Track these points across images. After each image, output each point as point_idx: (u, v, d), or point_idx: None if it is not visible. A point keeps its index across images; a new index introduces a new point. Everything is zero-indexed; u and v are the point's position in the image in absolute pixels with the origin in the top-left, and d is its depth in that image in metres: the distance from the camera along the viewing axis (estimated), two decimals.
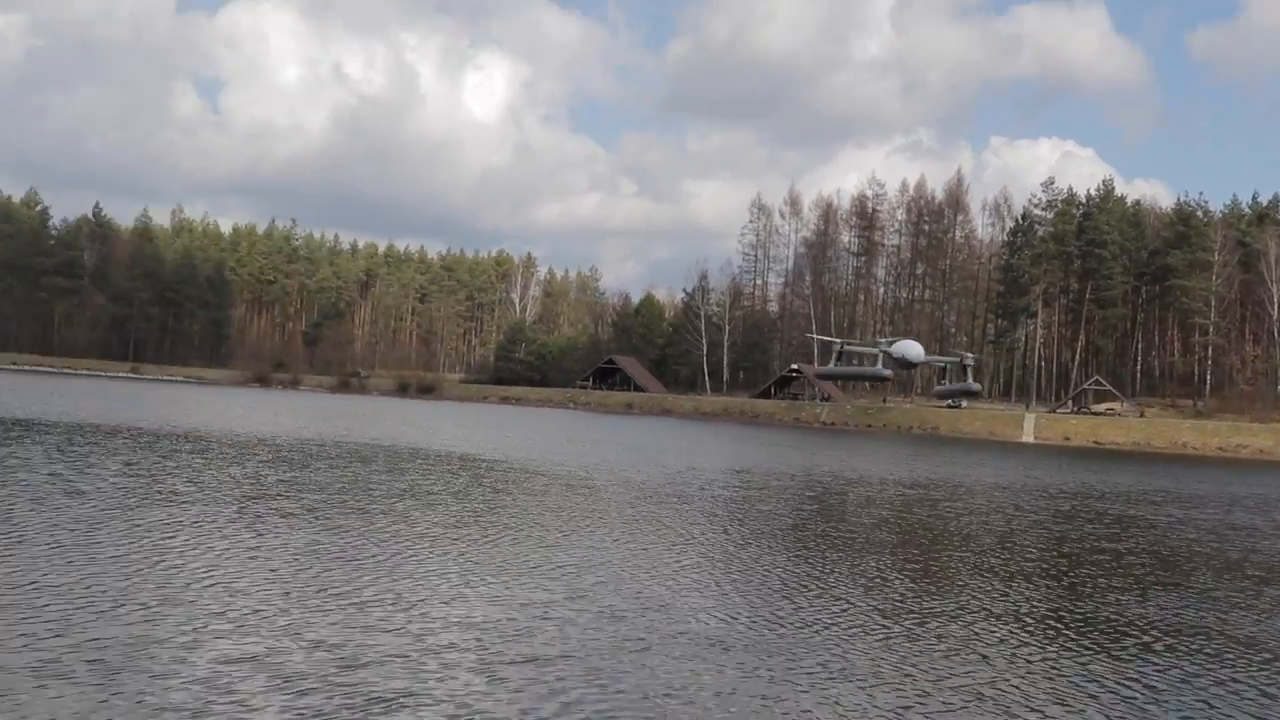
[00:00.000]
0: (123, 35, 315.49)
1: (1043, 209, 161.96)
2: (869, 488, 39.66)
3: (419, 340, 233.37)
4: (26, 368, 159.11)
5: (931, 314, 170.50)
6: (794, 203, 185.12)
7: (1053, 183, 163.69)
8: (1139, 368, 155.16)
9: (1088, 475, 55.95)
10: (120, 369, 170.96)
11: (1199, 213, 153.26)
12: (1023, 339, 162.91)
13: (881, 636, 14.10)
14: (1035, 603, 17.44)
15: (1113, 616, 16.57)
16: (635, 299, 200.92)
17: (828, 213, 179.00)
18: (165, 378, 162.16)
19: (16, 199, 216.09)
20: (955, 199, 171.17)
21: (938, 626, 15.00)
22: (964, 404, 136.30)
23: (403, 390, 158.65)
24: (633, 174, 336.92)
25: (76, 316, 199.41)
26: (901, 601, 16.73)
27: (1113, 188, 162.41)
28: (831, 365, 45.09)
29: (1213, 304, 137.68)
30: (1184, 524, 32.14)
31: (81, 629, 11.70)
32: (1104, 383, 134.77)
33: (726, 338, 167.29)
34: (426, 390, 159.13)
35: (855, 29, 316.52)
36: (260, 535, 19.04)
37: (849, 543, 23.71)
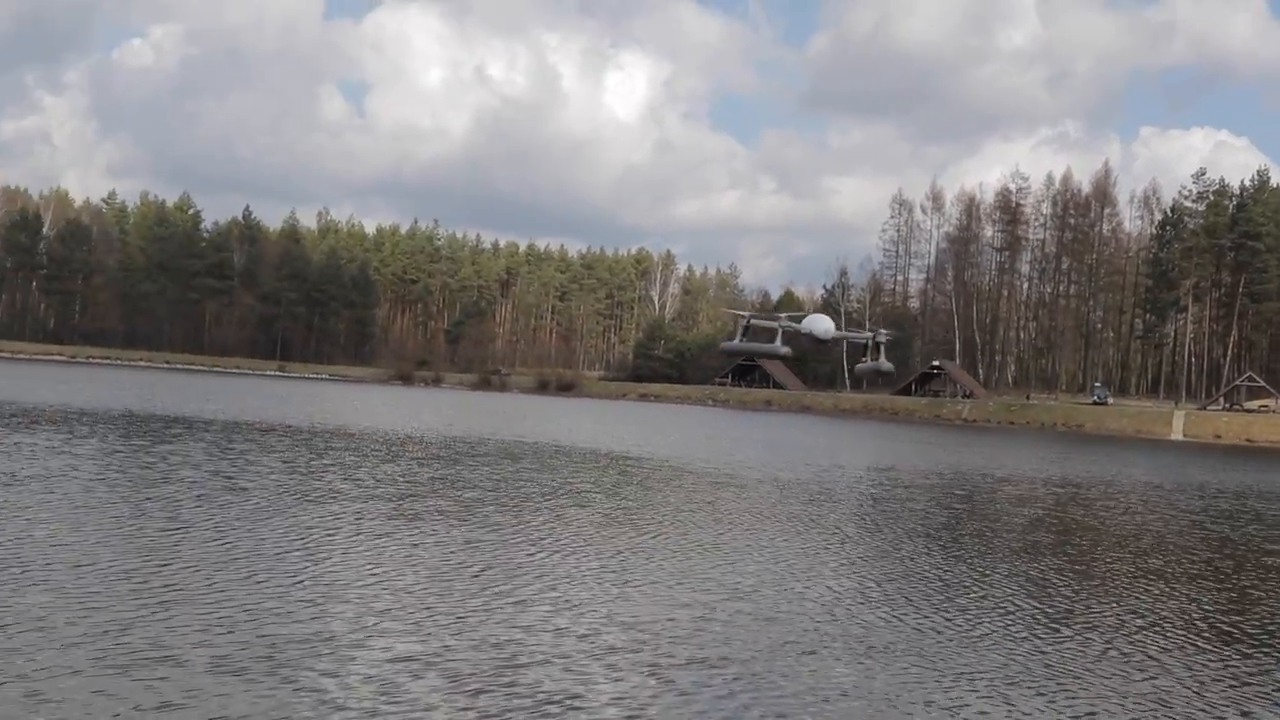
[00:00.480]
0: (272, 43, 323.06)
1: (1193, 201, 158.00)
2: (1019, 486, 39.05)
3: (559, 338, 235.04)
4: (179, 366, 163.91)
5: (1077, 309, 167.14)
6: (936, 197, 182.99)
7: (1204, 174, 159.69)
8: None
9: (1244, 475, 54.46)
10: (268, 367, 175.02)
11: None
12: (1172, 334, 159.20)
13: (1051, 641, 13.83)
14: (1204, 607, 16.99)
15: None
16: (774, 296, 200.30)
17: (970, 207, 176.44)
18: (310, 375, 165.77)
19: (171, 203, 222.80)
20: (1102, 191, 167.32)
21: (1108, 632, 14.67)
22: (1110, 400, 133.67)
23: (542, 388, 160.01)
24: (773, 170, 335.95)
25: (226, 316, 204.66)
26: (1067, 605, 16.41)
27: (1268, 178, 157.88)
28: (736, 341, 40.62)
29: None
30: None
31: (253, 626, 11.94)
32: (1257, 379, 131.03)
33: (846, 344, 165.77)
34: (566, 388, 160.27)
35: (1000, 19, 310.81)
36: (419, 533, 19.33)
37: (1006, 544, 23.37)
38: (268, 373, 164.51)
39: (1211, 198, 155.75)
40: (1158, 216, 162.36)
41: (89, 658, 10.42)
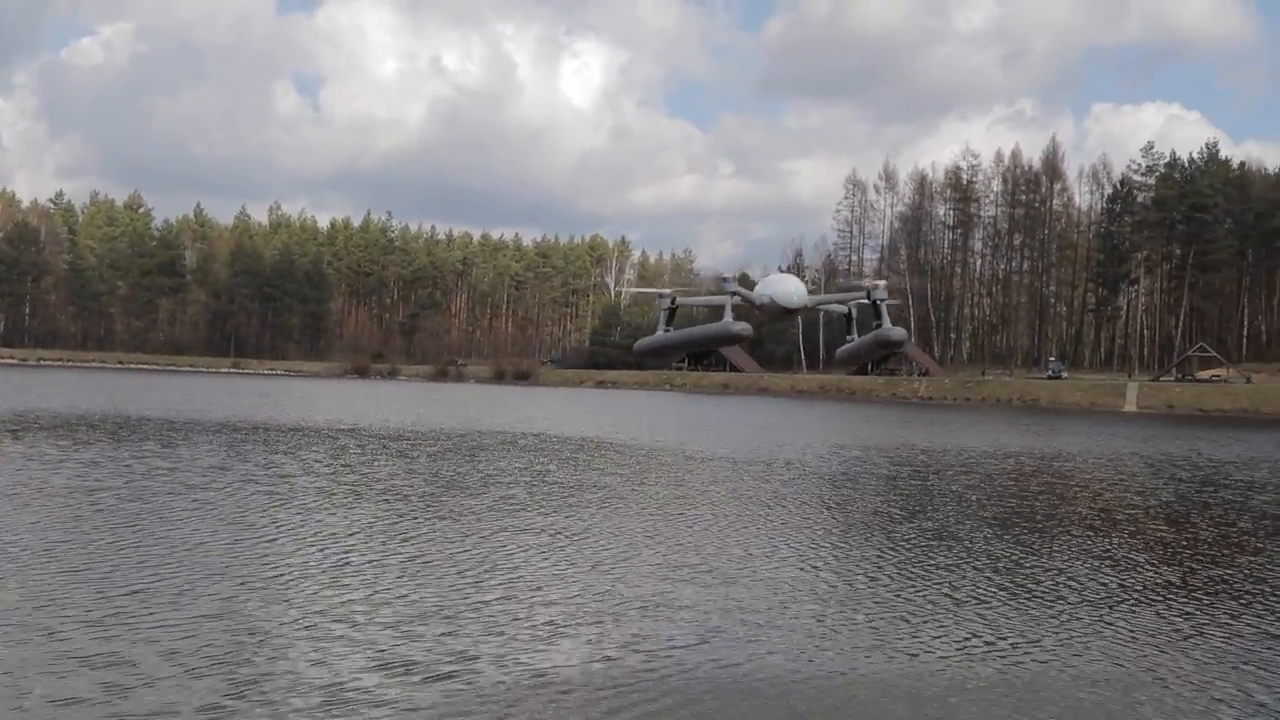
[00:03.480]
0: (225, 37, 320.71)
1: (1142, 175, 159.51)
2: (978, 461, 39.20)
3: (515, 327, 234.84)
4: (132, 366, 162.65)
5: (1030, 284, 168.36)
6: (889, 177, 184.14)
7: (1152, 148, 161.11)
8: (1245, 333, 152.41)
9: (1194, 444, 54.95)
10: (222, 364, 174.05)
11: None
12: (1124, 307, 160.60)
13: (1006, 611, 13.96)
14: (1165, 574, 17.17)
15: None
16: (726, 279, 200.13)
17: (922, 186, 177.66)
18: (266, 371, 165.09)
19: (121, 202, 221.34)
20: (1052, 167, 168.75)
21: (1066, 602, 14.83)
22: (1064, 374, 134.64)
23: (499, 378, 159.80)
24: (731, 155, 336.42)
25: (179, 314, 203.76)
26: (1025, 576, 16.56)
27: (1217, 151, 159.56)
28: (660, 331, 30.77)
29: None
30: None
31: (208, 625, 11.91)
32: (1209, 349, 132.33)
33: (821, 316, 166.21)
34: (522, 377, 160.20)
35: (955, 0, 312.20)
36: (383, 525, 19.27)
37: (966, 517, 23.48)
38: (223, 370, 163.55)
39: (1161, 171, 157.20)
40: (1108, 191, 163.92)
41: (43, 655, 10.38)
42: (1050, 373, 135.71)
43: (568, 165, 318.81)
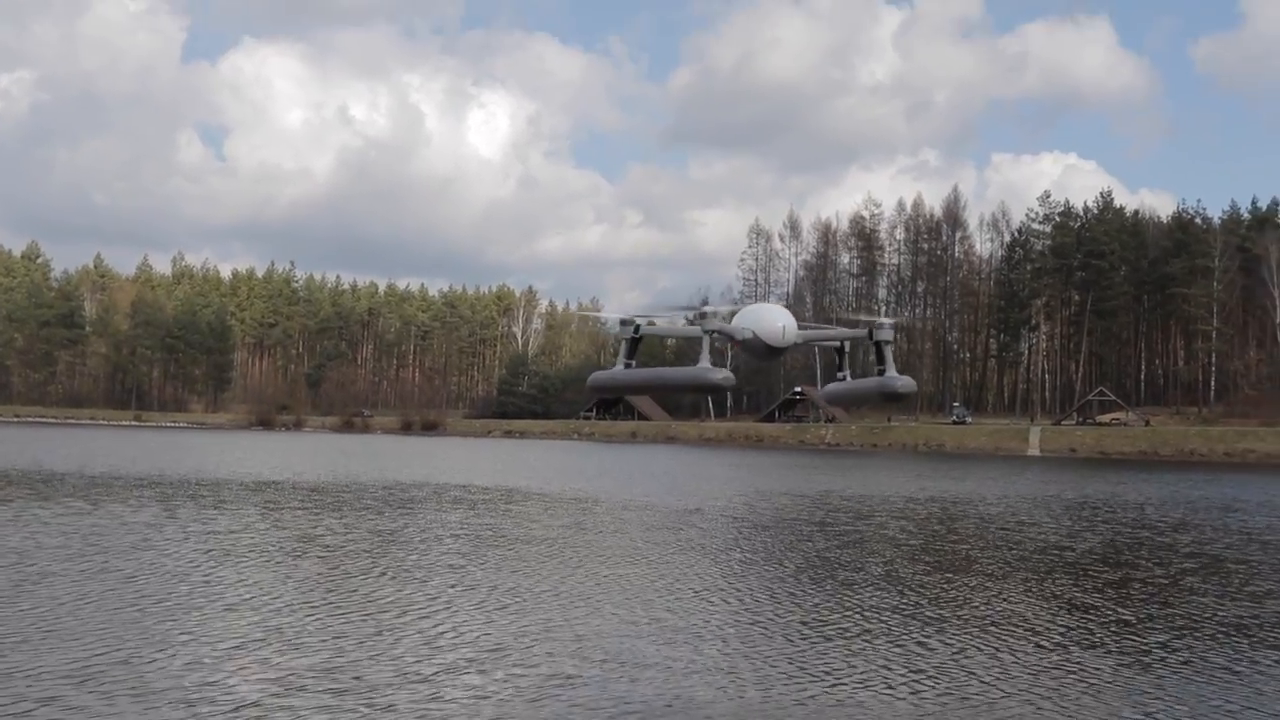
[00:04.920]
0: (127, 86, 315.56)
1: (1040, 223, 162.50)
2: (883, 505, 39.52)
3: (422, 377, 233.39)
4: (29, 419, 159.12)
5: (934, 331, 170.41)
6: (793, 226, 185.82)
7: (1049, 197, 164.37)
8: (1143, 377, 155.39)
9: (1095, 486, 55.90)
10: (123, 417, 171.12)
11: (1198, 220, 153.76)
12: (1025, 353, 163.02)
13: (911, 643, 14.06)
14: (1063, 609, 17.40)
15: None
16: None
17: (826, 235, 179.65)
18: (169, 424, 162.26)
19: (17, 253, 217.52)
20: (953, 216, 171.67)
21: (963, 633, 14.97)
22: (969, 419, 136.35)
23: (407, 428, 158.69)
24: (638, 205, 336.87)
25: (79, 366, 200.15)
26: (928, 614, 16.69)
27: (1111, 199, 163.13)
28: (620, 365, 21.33)
29: (1214, 310, 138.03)
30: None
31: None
32: (1108, 393, 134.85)
33: (729, 363, 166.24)
34: (430, 427, 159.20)
35: (860, 54, 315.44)
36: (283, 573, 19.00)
37: (873, 560, 23.62)
38: (124, 423, 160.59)
39: (1057, 219, 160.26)
40: (1007, 239, 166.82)
41: None
42: (955, 418, 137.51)
43: (475, 215, 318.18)
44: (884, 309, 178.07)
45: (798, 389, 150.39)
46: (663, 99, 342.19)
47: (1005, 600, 18.18)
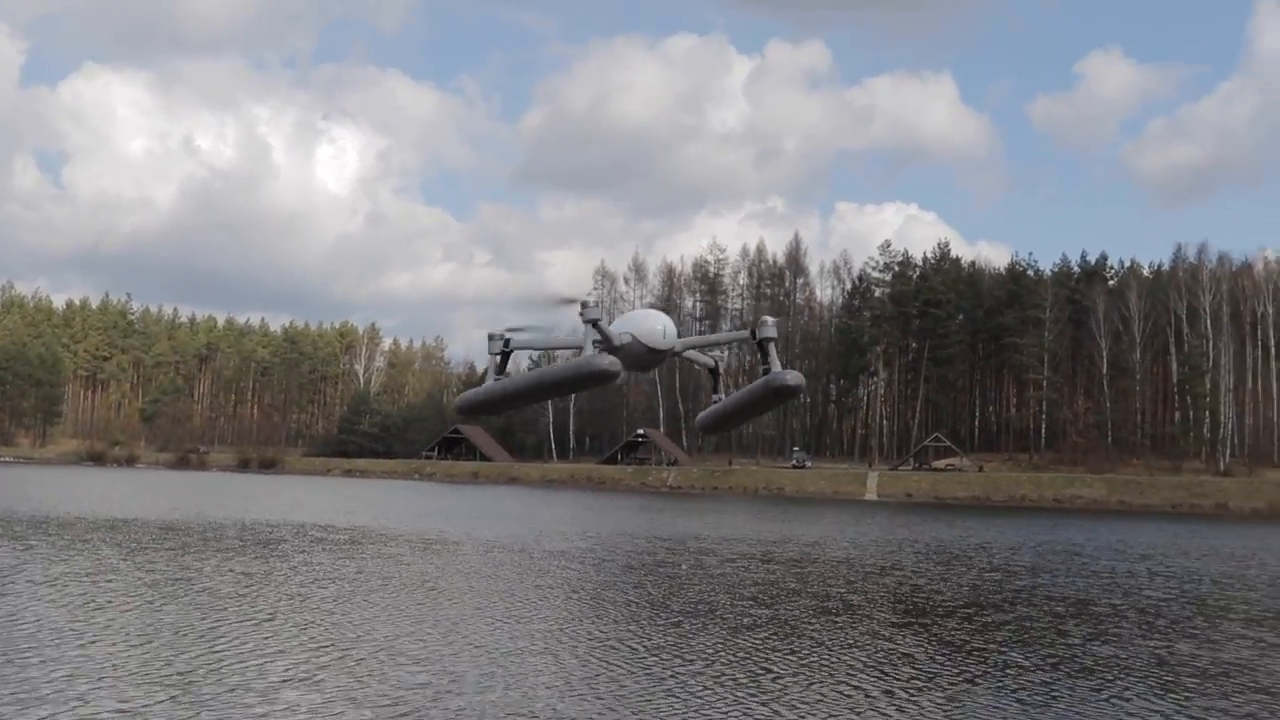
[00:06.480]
0: None
1: (880, 271, 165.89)
2: (722, 548, 39.67)
3: (261, 414, 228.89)
4: None
5: None
6: (638, 269, 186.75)
7: (889, 245, 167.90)
8: (977, 424, 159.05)
9: (925, 530, 56.87)
10: None
11: (1030, 272, 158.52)
12: (864, 398, 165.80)
13: (743, 691, 13.98)
14: (901, 650, 17.52)
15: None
16: (480, 368, 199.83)
17: (670, 277, 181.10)
18: None
19: None
20: (795, 262, 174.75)
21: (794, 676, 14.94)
22: (808, 464, 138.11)
23: (244, 465, 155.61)
24: (487, 244, 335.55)
25: None
26: (762, 659, 16.66)
27: (949, 250, 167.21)
28: (490, 380, 21.04)
29: (1045, 360, 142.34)
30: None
31: None
32: (944, 439, 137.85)
33: (573, 404, 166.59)
34: (268, 465, 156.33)
35: (711, 100, 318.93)
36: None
37: (708, 604, 23.61)
38: None
39: (897, 268, 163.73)
40: (848, 286, 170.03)
41: None
42: (795, 462, 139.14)
43: (322, 250, 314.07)
44: (726, 352, 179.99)
45: (640, 431, 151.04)
46: (514, 139, 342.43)
47: (892, 643, 18.39)
